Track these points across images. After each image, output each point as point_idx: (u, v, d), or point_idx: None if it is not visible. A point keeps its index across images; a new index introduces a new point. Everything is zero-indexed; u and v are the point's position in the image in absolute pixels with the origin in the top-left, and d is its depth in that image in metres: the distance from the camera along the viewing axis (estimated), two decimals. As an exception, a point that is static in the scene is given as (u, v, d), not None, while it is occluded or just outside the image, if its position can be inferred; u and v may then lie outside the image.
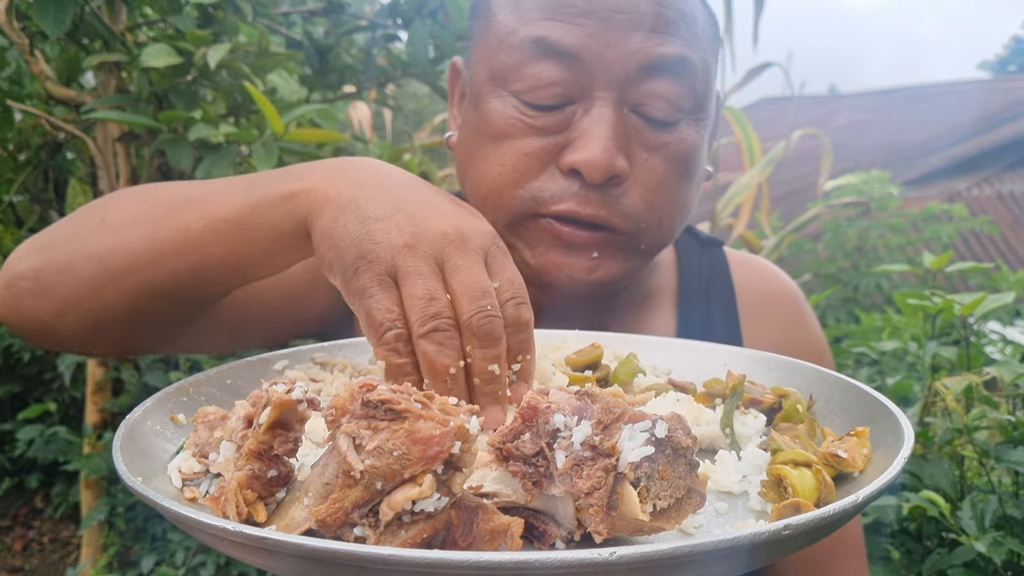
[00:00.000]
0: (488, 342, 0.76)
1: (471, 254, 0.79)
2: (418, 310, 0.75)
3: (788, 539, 0.52)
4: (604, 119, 1.03)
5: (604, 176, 1.03)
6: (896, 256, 4.98)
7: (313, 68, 2.66)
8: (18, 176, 3.15)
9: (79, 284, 0.96)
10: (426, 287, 0.76)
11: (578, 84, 1.04)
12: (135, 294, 0.96)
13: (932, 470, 1.74)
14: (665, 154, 1.07)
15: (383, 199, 0.82)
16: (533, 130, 1.06)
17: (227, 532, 0.51)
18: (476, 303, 0.76)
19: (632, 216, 1.07)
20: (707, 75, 1.10)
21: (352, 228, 0.80)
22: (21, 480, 4.37)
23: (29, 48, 2.21)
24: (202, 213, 0.92)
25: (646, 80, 1.04)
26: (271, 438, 0.60)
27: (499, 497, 0.61)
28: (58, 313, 0.99)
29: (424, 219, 0.80)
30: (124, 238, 0.95)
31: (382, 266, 0.78)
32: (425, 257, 0.78)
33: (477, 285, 0.77)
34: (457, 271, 0.78)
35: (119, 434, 0.69)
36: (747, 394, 0.84)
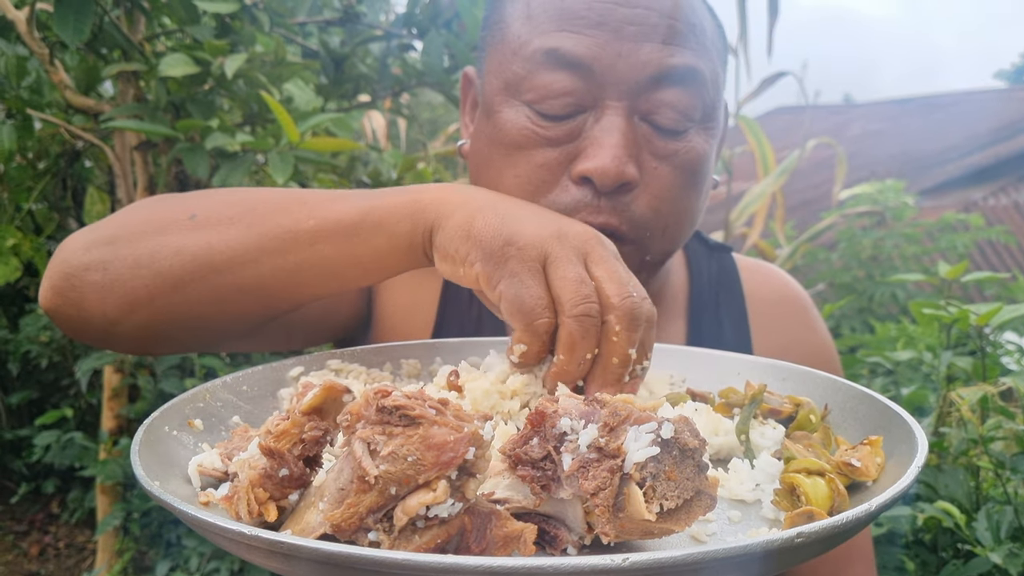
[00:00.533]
0: (633, 325, 0.82)
1: (609, 251, 0.87)
2: (570, 291, 0.81)
3: (801, 547, 0.52)
4: (615, 127, 1.04)
5: (615, 183, 1.04)
6: (911, 266, 4.95)
7: (329, 77, 2.68)
8: (37, 184, 3.17)
9: (160, 279, 0.95)
10: (577, 272, 0.82)
11: (589, 94, 1.05)
12: (226, 293, 0.96)
13: (947, 481, 1.73)
14: (674, 162, 1.08)
15: (518, 205, 0.90)
16: (545, 140, 1.07)
17: (243, 536, 0.52)
18: (624, 288, 0.82)
19: (640, 224, 1.08)
20: (716, 85, 1.11)
21: (494, 223, 0.86)
22: (38, 485, 4.40)
23: (49, 58, 2.24)
24: (313, 213, 0.94)
25: (656, 90, 1.04)
26: (306, 420, 0.61)
27: (510, 503, 0.61)
28: (128, 308, 0.97)
29: (562, 220, 0.89)
30: (223, 235, 0.95)
31: (533, 252, 0.84)
32: (572, 247, 0.84)
33: (619, 273, 0.84)
34: (602, 261, 0.85)
35: (137, 438, 0.70)
36: (766, 404, 0.84)
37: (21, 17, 2.17)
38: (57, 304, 1.00)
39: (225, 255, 0.94)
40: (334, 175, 3.08)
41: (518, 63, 1.08)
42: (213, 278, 0.95)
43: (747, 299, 1.34)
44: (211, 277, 0.95)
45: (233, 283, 0.95)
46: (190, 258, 0.95)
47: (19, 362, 4.11)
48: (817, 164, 9.30)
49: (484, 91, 1.15)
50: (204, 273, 0.95)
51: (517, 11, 1.10)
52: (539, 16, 1.07)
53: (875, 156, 11.23)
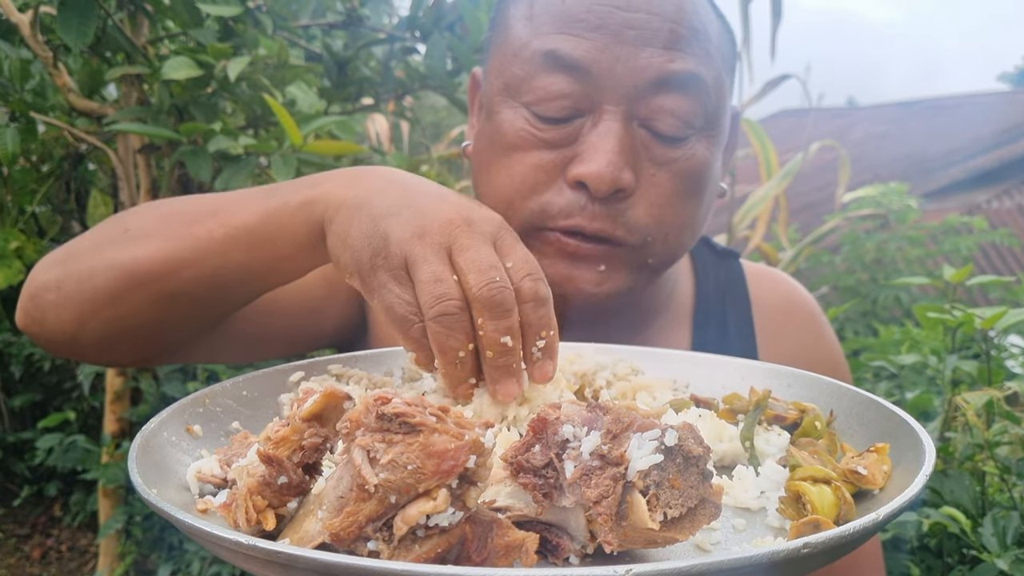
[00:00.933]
0: (497, 313, 0.77)
1: (477, 236, 0.81)
2: (425, 293, 0.78)
3: (807, 557, 0.51)
4: (611, 133, 1.03)
5: (609, 189, 1.03)
6: (915, 269, 4.94)
7: (332, 80, 2.67)
8: (41, 187, 3.17)
9: (99, 292, 0.99)
10: (431, 270, 0.78)
11: (587, 97, 1.04)
12: (157, 301, 0.98)
13: (953, 486, 1.72)
14: (673, 169, 1.07)
15: (393, 198, 0.85)
16: (542, 143, 1.07)
17: (240, 545, 0.51)
18: (483, 276, 0.78)
19: (638, 230, 1.07)
20: (719, 92, 1.09)
21: (365, 227, 0.83)
22: (40, 488, 4.40)
23: (52, 61, 2.24)
24: (224, 221, 0.95)
25: (655, 95, 1.04)
26: (306, 427, 0.60)
27: (512, 511, 0.61)
28: (79, 322, 1.01)
29: (431, 210, 0.83)
30: (146, 247, 0.98)
31: (395, 260, 0.80)
32: (432, 244, 0.80)
33: (483, 260, 0.79)
34: (463, 250, 0.80)
35: (134, 445, 0.69)
36: (770, 410, 0.83)
37: (25, 20, 2.17)
38: (26, 323, 1.07)
39: (148, 266, 0.98)
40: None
41: (518, 64, 1.07)
42: (143, 289, 0.98)
43: (754, 306, 1.33)
44: (141, 288, 0.98)
45: (161, 292, 0.98)
46: (120, 271, 0.99)
47: (22, 365, 4.11)
48: (820, 167, 9.29)
49: (486, 92, 1.15)
50: (134, 285, 0.98)
51: (519, 13, 1.10)
52: (539, 18, 1.06)
53: (879, 159, 11.22)
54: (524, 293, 0.79)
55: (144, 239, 0.99)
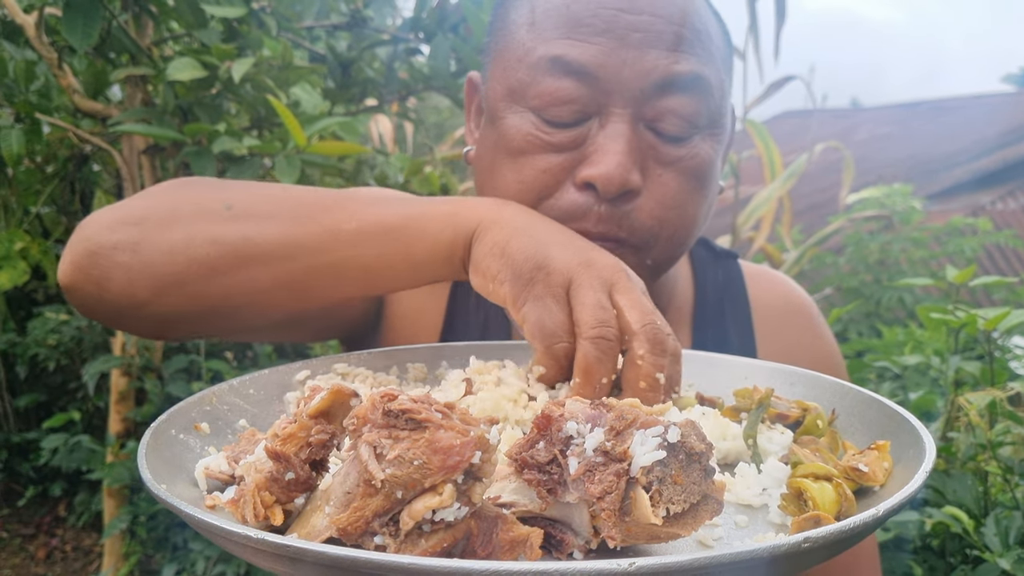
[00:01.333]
0: (659, 350, 0.84)
1: (635, 286, 0.88)
2: (589, 315, 0.84)
3: (808, 552, 0.52)
4: (620, 134, 1.03)
5: (618, 190, 1.03)
6: (919, 270, 4.94)
7: (336, 81, 2.69)
8: (45, 188, 3.19)
9: (195, 266, 0.96)
10: (598, 298, 0.85)
11: (594, 101, 1.05)
12: (262, 284, 0.97)
13: (955, 486, 1.73)
14: (678, 169, 1.08)
15: (554, 230, 0.93)
16: (550, 147, 1.07)
17: (249, 539, 0.52)
18: (647, 316, 0.85)
19: (642, 231, 1.08)
20: (721, 91, 1.10)
21: (528, 246, 0.89)
22: (45, 489, 4.42)
23: (57, 62, 2.25)
24: (355, 215, 0.96)
25: (661, 97, 1.04)
26: (313, 424, 0.61)
27: (516, 507, 0.61)
28: (157, 291, 0.97)
29: (593, 250, 0.91)
30: (262, 228, 0.97)
31: (559, 279, 0.87)
32: (598, 276, 0.87)
33: (646, 304, 0.86)
34: (627, 291, 0.87)
35: (144, 441, 0.70)
36: (773, 408, 0.84)
37: (30, 21, 2.18)
38: (77, 280, 0.99)
39: (263, 248, 0.96)
40: (341, 179, 3.09)
41: (523, 70, 1.08)
42: (249, 270, 0.96)
43: (752, 307, 1.34)
44: (247, 269, 0.96)
45: (269, 276, 0.96)
46: (229, 248, 0.96)
47: (27, 365, 4.13)
48: (824, 168, 9.29)
49: (488, 97, 1.15)
50: (241, 264, 0.96)
51: (522, 18, 1.10)
52: (544, 23, 1.07)
53: (883, 160, 11.21)
54: (672, 348, 0.86)
55: (258, 218, 0.97)
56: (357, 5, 2.62)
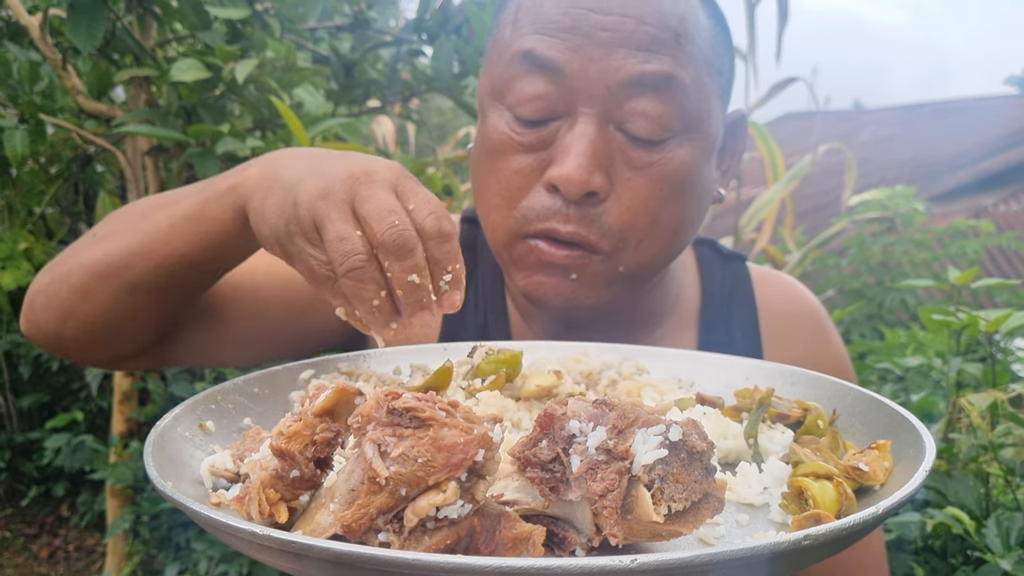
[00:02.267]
0: (401, 254, 0.81)
1: (376, 185, 0.84)
2: (332, 252, 0.82)
3: (808, 549, 0.52)
4: (584, 135, 1.03)
5: (579, 192, 1.03)
6: (921, 272, 4.93)
7: (339, 83, 2.69)
8: (49, 189, 3.20)
9: (73, 291, 1.06)
10: (335, 229, 0.82)
11: (563, 100, 1.05)
12: (119, 293, 1.04)
13: (957, 487, 1.73)
14: (649, 174, 1.06)
15: (301, 167, 0.89)
16: (521, 147, 1.08)
17: (255, 536, 0.53)
18: (383, 221, 0.81)
19: (610, 234, 1.07)
20: (702, 94, 1.08)
21: (277, 199, 0.88)
22: (48, 488, 4.42)
23: (62, 63, 2.25)
24: (169, 212, 1.02)
25: (630, 98, 1.03)
26: (318, 422, 0.62)
27: (519, 505, 0.62)
28: (60, 320, 1.08)
29: (333, 170, 0.86)
30: (107, 244, 1.05)
31: (306, 223, 0.85)
32: (335, 201, 0.83)
33: (383, 206, 0.82)
34: (364, 201, 0.83)
35: (150, 440, 0.70)
36: (774, 408, 0.84)
37: (34, 23, 2.19)
38: (26, 328, 1.14)
39: (107, 261, 1.04)
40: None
41: (501, 66, 1.10)
42: (105, 283, 1.04)
43: (760, 311, 1.32)
44: (104, 282, 1.04)
45: (121, 284, 1.04)
46: (88, 269, 1.05)
47: (30, 365, 4.13)
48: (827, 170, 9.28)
49: (479, 96, 1.18)
50: (97, 280, 1.04)
51: (507, 17, 1.12)
52: (521, 21, 1.08)
53: (885, 162, 11.20)
54: (427, 231, 0.83)
55: (106, 238, 1.06)
56: (360, 7, 2.62)
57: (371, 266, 0.82)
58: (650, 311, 1.27)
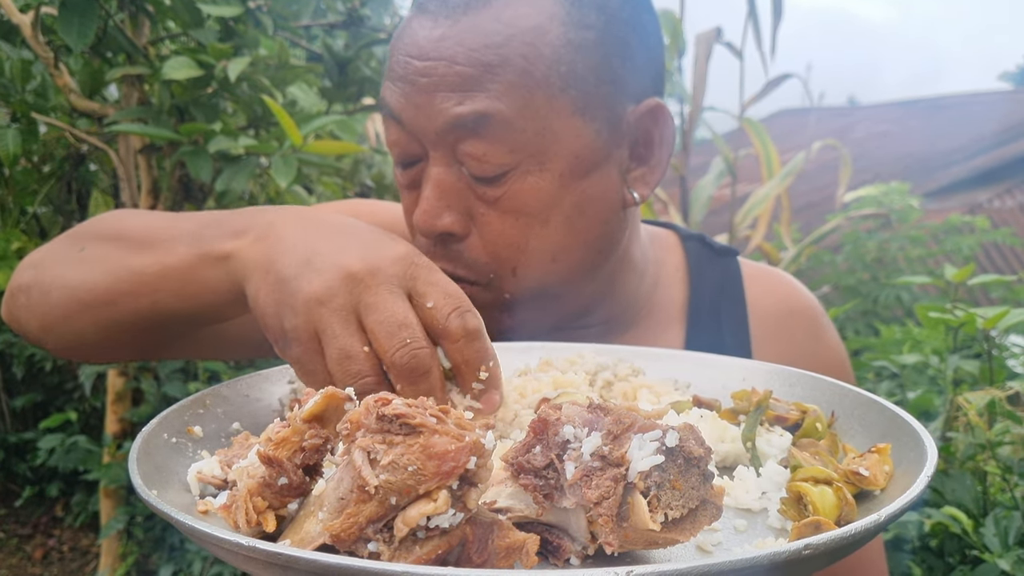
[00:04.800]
0: (414, 377, 0.77)
1: (383, 288, 0.78)
2: (336, 372, 0.77)
3: (808, 559, 0.51)
4: (430, 178, 1.05)
5: (431, 233, 1.05)
6: (917, 268, 4.94)
7: (333, 81, 2.67)
8: (42, 188, 3.17)
9: (54, 310, 1.03)
10: (338, 345, 0.77)
11: (415, 144, 1.06)
12: (104, 325, 1.01)
13: (954, 486, 1.72)
14: (499, 208, 1.05)
15: (298, 254, 0.83)
16: (403, 187, 1.11)
17: (240, 547, 0.51)
18: (393, 339, 0.76)
19: (477, 267, 1.07)
20: (536, 118, 1.02)
21: (272, 295, 0.82)
22: (42, 489, 4.41)
23: (54, 61, 2.24)
24: (156, 258, 0.96)
25: (457, 140, 1.02)
26: (307, 428, 0.60)
27: (513, 512, 0.61)
28: (41, 330, 1.07)
29: (331, 266, 0.79)
30: (91, 272, 1.00)
31: (305, 334, 0.79)
32: (337, 310, 0.78)
33: (391, 319, 0.77)
34: (369, 311, 0.77)
35: (135, 447, 0.69)
36: (771, 411, 0.83)
37: (26, 21, 2.17)
38: (7, 318, 1.13)
39: (92, 294, 0.99)
40: (338, 178, 3.08)
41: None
42: (88, 313, 1.01)
43: (750, 309, 1.28)
44: (87, 312, 1.01)
45: (106, 318, 1.00)
46: (70, 293, 1.01)
47: (23, 366, 4.12)
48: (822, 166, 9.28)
49: None
50: (79, 308, 1.01)
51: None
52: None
53: (880, 158, 11.21)
54: (452, 333, 0.79)
55: (92, 263, 1.01)
56: (354, 4, 2.60)
57: (380, 386, 0.77)
58: (636, 310, 1.25)
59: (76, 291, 1.01)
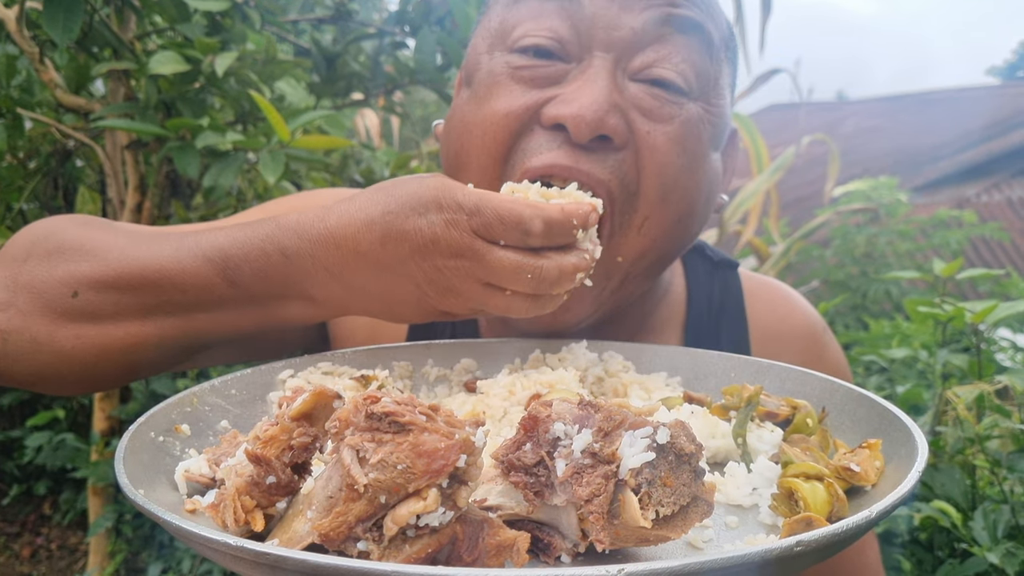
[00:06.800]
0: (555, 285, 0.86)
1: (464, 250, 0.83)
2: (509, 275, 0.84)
3: (800, 555, 0.51)
4: (600, 76, 0.96)
5: (592, 132, 0.94)
6: (905, 263, 4.96)
7: (321, 75, 2.66)
8: (28, 184, 3.15)
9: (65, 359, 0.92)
10: (470, 295, 0.86)
11: (576, 40, 0.98)
12: (134, 364, 0.94)
13: (943, 480, 1.73)
14: (668, 130, 0.98)
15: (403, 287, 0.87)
16: (523, 81, 0.99)
17: (228, 547, 0.51)
18: (519, 280, 0.84)
19: (625, 183, 0.98)
20: (719, 65, 1.03)
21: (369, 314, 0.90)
22: (29, 487, 4.38)
23: (39, 57, 2.22)
24: (200, 304, 0.91)
25: (654, 41, 0.98)
26: (295, 426, 0.60)
27: (503, 510, 0.60)
28: (37, 376, 0.95)
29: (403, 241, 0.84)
30: (120, 325, 0.91)
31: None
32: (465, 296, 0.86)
33: (503, 272, 0.83)
34: (476, 271, 0.84)
35: (121, 445, 0.68)
36: (762, 407, 0.83)
37: (11, 16, 2.15)
38: None
39: (127, 343, 0.91)
40: (326, 173, 3.06)
41: (511, 12, 1.03)
42: (120, 358, 0.92)
43: (751, 328, 1.24)
44: (118, 358, 0.92)
45: (140, 360, 0.93)
46: (91, 344, 0.91)
47: (10, 363, 4.08)
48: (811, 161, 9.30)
49: (468, 63, 1.09)
50: (110, 356, 0.92)
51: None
52: None
53: (869, 153, 11.24)
54: (535, 236, 0.84)
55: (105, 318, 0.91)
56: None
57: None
58: (634, 325, 1.20)
59: (98, 344, 0.91)
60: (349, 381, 0.93)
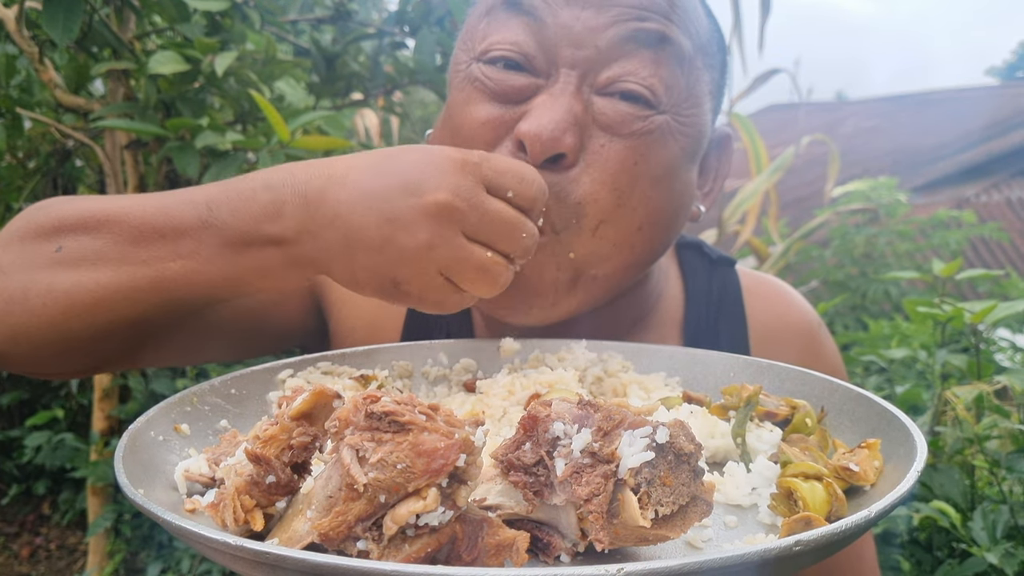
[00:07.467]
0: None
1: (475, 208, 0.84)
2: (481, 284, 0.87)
3: (799, 555, 0.51)
4: (564, 93, 0.96)
5: (546, 151, 0.94)
6: (904, 263, 4.96)
7: (320, 75, 2.66)
8: (27, 184, 3.15)
9: (35, 317, 0.90)
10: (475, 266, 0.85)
11: (541, 55, 0.98)
12: (102, 325, 0.90)
13: (942, 480, 1.73)
14: (627, 143, 0.98)
15: (368, 217, 0.83)
16: (495, 96, 1.00)
17: (228, 546, 0.51)
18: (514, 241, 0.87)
19: (566, 204, 0.97)
20: (693, 75, 1.01)
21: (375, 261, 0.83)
22: (28, 487, 4.38)
23: (39, 56, 2.22)
24: (177, 250, 0.87)
25: (620, 57, 0.97)
26: (295, 426, 0.60)
27: (502, 510, 0.60)
28: (10, 340, 0.93)
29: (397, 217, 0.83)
30: (93, 274, 0.89)
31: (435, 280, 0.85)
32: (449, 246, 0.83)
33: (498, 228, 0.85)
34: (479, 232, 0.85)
35: (121, 445, 0.68)
36: (761, 406, 0.83)
37: (10, 15, 2.15)
38: None
39: (95, 295, 0.88)
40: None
41: (482, 21, 1.04)
42: (86, 315, 0.89)
43: (750, 326, 1.23)
44: (84, 315, 0.89)
45: (107, 318, 0.90)
46: (63, 296, 0.89)
47: (9, 362, 4.08)
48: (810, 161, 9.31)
49: (451, 73, 1.10)
50: (77, 312, 0.89)
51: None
52: None
53: (868, 153, 11.25)
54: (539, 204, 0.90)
55: (87, 264, 0.89)
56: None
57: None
58: (630, 322, 1.19)
59: (72, 294, 0.88)
60: (349, 381, 0.93)
